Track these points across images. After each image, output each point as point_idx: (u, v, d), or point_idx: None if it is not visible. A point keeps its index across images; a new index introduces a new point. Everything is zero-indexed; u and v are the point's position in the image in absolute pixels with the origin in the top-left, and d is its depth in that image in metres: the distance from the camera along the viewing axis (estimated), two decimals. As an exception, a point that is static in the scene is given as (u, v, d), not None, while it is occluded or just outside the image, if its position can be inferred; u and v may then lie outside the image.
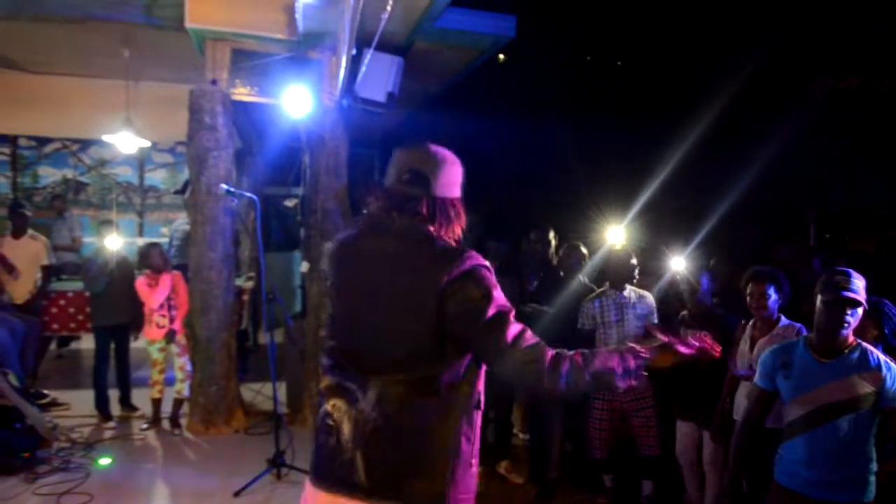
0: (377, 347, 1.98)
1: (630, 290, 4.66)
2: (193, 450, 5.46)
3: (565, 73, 12.04)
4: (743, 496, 3.42)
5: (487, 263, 1.98)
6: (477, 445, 2.06)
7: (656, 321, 4.58)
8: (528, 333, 1.96)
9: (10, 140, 9.85)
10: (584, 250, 5.15)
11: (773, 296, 3.60)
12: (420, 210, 2.04)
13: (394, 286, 1.97)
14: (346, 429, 1.98)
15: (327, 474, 2.01)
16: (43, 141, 9.99)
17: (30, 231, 7.01)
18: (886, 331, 3.20)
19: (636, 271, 4.71)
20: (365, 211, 2.16)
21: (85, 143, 10.11)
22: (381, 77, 5.43)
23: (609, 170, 9.72)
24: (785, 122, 8.97)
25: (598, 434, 4.64)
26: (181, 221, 7.90)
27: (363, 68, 5.31)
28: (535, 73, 11.56)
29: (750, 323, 3.80)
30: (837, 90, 10.60)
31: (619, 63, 12.71)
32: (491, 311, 1.91)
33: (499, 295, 1.95)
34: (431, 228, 2.03)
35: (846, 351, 2.69)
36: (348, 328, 2.07)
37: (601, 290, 4.76)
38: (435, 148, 2.13)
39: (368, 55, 5.22)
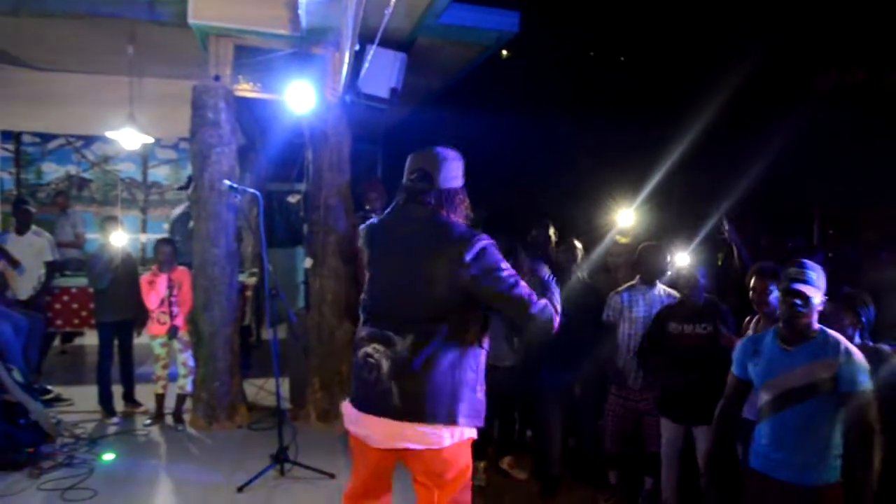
0: (410, 305, 2.60)
1: (660, 288, 4.65)
2: (197, 445, 5.47)
3: (568, 68, 12.02)
4: (722, 480, 3.60)
5: (494, 241, 2.59)
6: (481, 376, 2.74)
7: None
8: (530, 291, 2.62)
9: (14, 136, 9.86)
10: (579, 247, 5.15)
11: (775, 292, 3.60)
12: (430, 200, 2.66)
13: (423, 260, 2.58)
14: (385, 366, 2.57)
15: (368, 401, 2.63)
16: (46, 137, 10.00)
17: (33, 227, 7.02)
18: (863, 319, 3.31)
19: (668, 268, 4.67)
20: (371, 204, 3.00)
21: (88, 140, 10.12)
22: (384, 73, 5.42)
23: (614, 165, 9.69)
24: (790, 117, 8.94)
25: (613, 429, 4.66)
26: (179, 211, 7.85)
27: (366, 64, 5.30)
28: (539, 68, 11.54)
29: (754, 319, 3.80)
30: (843, 84, 10.56)
31: (621, 59, 12.68)
32: (506, 274, 2.56)
33: (507, 265, 2.59)
34: (443, 213, 2.65)
35: (809, 339, 2.83)
36: (386, 291, 2.69)
37: (630, 283, 4.76)
38: (438, 149, 2.72)
39: (371, 51, 5.21)
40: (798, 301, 2.79)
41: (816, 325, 2.85)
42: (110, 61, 7.20)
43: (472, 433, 2.69)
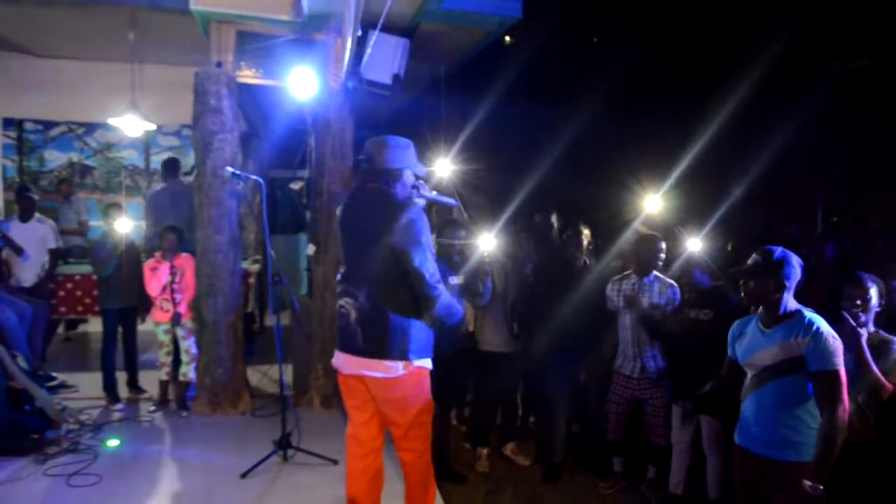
0: (366, 265, 3.20)
1: (654, 277, 4.63)
2: (200, 432, 5.49)
3: (572, 54, 11.95)
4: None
5: (423, 214, 3.16)
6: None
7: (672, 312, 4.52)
8: (438, 277, 3.19)
9: (17, 123, 9.85)
10: (586, 233, 5.13)
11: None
12: (374, 179, 3.25)
13: (371, 226, 3.17)
14: (353, 315, 3.21)
15: (344, 343, 3.29)
16: (49, 124, 9.99)
17: (37, 215, 7.03)
18: (874, 305, 3.33)
19: (661, 258, 4.65)
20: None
21: (90, 127, 10.10)
22: (386, 59, 5.39)
23: (626, 151, 9.65)
24: (798, 105, 8.88)
25: (614, 418, 4.67)
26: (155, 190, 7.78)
27: (369, 50, 5.26)
28: (542, 54, 11.45)
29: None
30: (847, 72, 10.48)
31: (624, 46, 12.59)
32: (421, 249, 3.10)
33: (428, 242, 3.15)
34: (387, 189, 3.22)
35: (785, 320, 2.95)
36: (350, 255, 3.33)
37: (625, 273, 4.75)
38: (384, 137, 3.29)
39: (374, 37, 5.17)
40: (745, 282, 3.03)
41: (792, 307, 2.98)
42: (112, 48, 7.18)
43: (423, 363, 3.27)
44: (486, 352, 5.02)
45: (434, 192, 3.48)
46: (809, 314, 2.93)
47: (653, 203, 5.68)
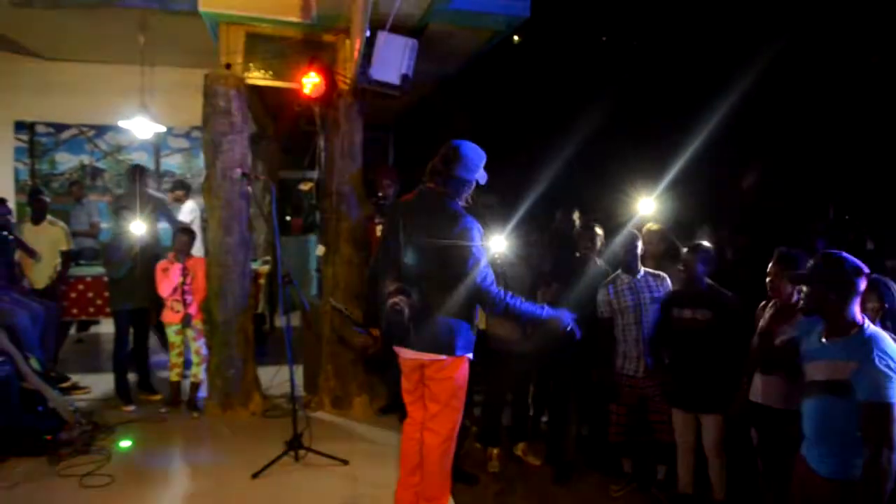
0: (421, 266, 3.49)
1: (644, 273, 4.62)
2: (212, 432, 5.51)
3: (581, 53, 11.90)
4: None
5: (477, 223, 3.46)
6: (475, 319, 3.61)
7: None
8: (487, 273, 3.46)
9: (28, 127, 9.90)
10: (599, 231, 5.09)
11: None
12: (444, 183, 3.49)
13: (433, 231, 3.43)
14: (407, 312, 3.40)
15: (397, 337, 3.51)
16: (60, 127, 10.01)
17: (49, 217, 7.07)
18: (887, 305, 3.22)
19: (639, 254, 4.62)
20: (384, 191, 5.18)
21: (101, 129, 10.12)
22: (395, 59, 5.38)
23: (638, 150, 9.60)
24: (807, 100, 8.81)
25: (615, 419, 4.64)
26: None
27: (377, 51, 5.27)
28: (550, 53, 11.42)
29: (769, 304, 3.77)
30: (858, 66, 10.38)
31: (634, 43, 12.53)
32: (474, 251, 3.39)
33: (479, 247, 3.43)
34: (451, 196, 3.50)
35: (846, 335, 2.68)
36: (407, 256, 3.52)
37: (614, 274, 4.73)
38: (464, 146, 3.50)
39: (383, 37, 5.18)
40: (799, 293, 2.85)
41: (859, 321, 2.68)
42: (122, 51, 7.24)
43: (466, 354, 3.58)
44: (496, 350, 5.00)
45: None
46: (872, 331, 2.64)
47: (647, 204, 5.68)
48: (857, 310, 2.69)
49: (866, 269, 2.70)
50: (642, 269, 4.62)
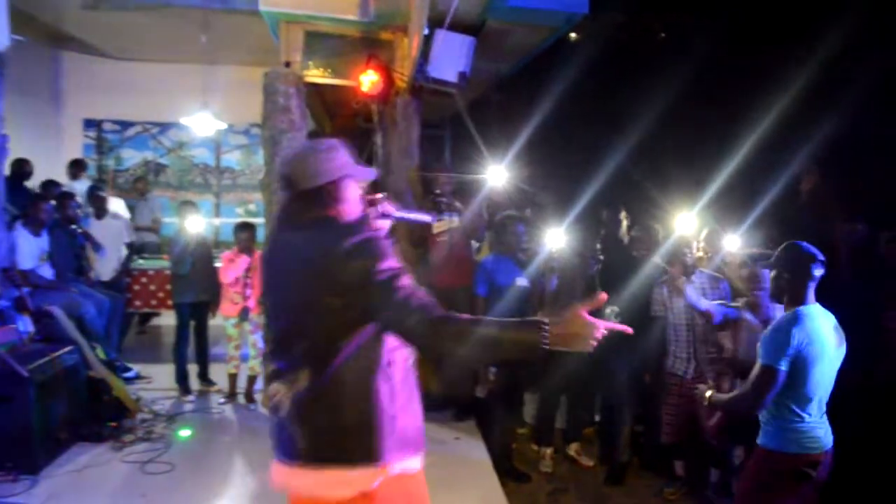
0: (298, 329, 2.11)
1: (700, 274, 4.52)
2: (267, 424, 5.55)
3: (636, 50, 11.71)
4: None
5: (379, 235, 2.12)
6: (400, 400, 2.11)
7: (727, 307, 4.38)
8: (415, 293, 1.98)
9: (96, 124, 10.23)
10: (658, 230, 5.01)
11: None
12: (301, 207, 2.16)
13: (301, 270, 2.09)
14: (286, 407, 2.11)
15: (279, 447, 2.19)
16: (125, 124, 10.34)
17: (110, 211, 7.29)
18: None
19: (691, 256, 4.55)
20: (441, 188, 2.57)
21: (164, 126, 10.41)
22: (452, 57, 5.39)
23: (693, 151, 9.41)
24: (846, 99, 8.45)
25: (669, 419, 4.56)
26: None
27: (435, 48, 5.28)
28: (606, 50, 11.26)
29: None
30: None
31: (693, 41, 12.27)
32: (375, 272, 1.97)
33: (391, 261, 2.02)
34: (330, 212, 2.15)
35: None
36: (278, 316, 2.23)
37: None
38: (296, 150, 2.31)
39: (441, 35, 5.19)
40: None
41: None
42: (184, 50, 7.40)
43: (408, 466, 2.13)
44: (551, 351, 4.95)
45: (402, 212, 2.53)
46: (778, 310, 3.21)
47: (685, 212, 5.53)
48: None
49: (821, 256, 2.96)
50: (698, 271, 4.53)
